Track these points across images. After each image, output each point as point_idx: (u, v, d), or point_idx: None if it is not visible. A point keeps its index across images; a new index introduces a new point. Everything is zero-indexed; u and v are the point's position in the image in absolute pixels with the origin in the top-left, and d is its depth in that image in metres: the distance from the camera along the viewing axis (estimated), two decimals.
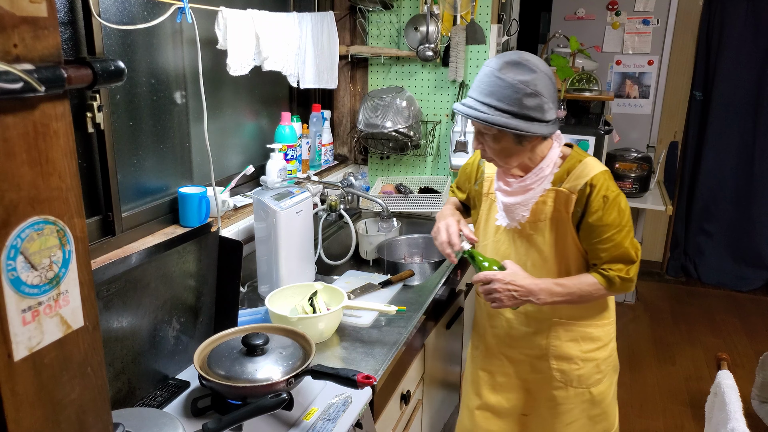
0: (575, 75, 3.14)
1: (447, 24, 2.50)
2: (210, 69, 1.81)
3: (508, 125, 1.38)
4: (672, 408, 3.02)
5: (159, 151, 1.72)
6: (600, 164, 1.54)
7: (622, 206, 1.50)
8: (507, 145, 1.45)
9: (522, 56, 1.41)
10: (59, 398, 0.65)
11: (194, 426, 1.21)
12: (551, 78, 1.43)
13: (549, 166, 1.51)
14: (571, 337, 1.65)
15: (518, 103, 1.37)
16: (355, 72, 2.71)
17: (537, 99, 1.38)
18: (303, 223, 1.88)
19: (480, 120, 1.40)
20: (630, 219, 1.53)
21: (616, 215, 1.48)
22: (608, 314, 1.68)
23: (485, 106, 1.40)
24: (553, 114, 1.43)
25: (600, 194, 1.47)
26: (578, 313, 1.63)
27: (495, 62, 1.41)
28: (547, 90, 1.39)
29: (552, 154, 1.52)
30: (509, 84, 1.37)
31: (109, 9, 1.47)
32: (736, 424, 1.52)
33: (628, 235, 1.51)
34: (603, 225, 1.48)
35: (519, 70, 1.38)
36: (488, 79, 1.40)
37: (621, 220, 1.49)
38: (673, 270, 4.57)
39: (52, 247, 0.62)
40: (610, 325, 1.70)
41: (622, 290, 1.55)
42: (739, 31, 4.04)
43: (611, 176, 1.53)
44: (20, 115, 0.56)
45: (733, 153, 4.24)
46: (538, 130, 1.40)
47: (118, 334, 1.28)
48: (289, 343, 1.41)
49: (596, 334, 1.65)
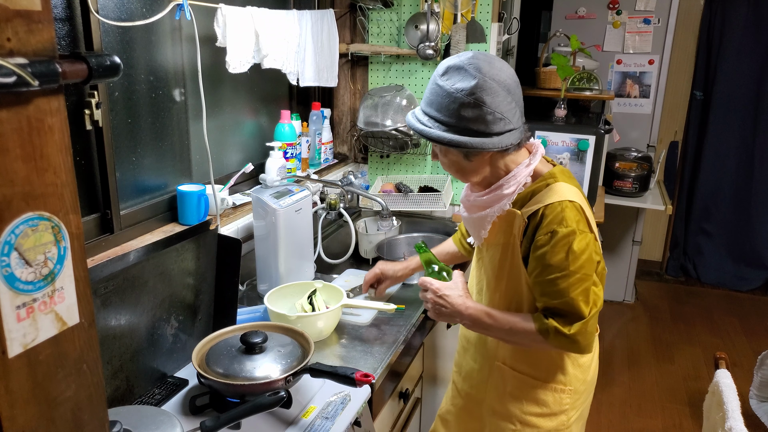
0: (576, 74, 3.14)
1: (447, 22, 2.50)
2: (209, 66, 1.81)
3: (442, 139, 1.23)
4: (670, 407, 3.02)
5: (158, 149, 1.72)
6: (571, 192, 1.28)
7: (576, 248, 1.22)
8: (455, 159, 1.30)
9: (469, 59, 1.22)
10: (54, 395, 0.64)
11: (192, 424, 1.20)
12: (502, 83, 1.22)
13: (512, 184, 1.31)
14: (514, 389, 1.43)
15: (455, 114, 1.21)
16: (355, 70, 2.70)
17: (477, 110, 1.20)
18: (302, 221, 1.87)
19: (419, 133, 1.28)
20: (587, 266, 1.24)
21: (563, 258, 1.23)
22: (565, 379, 1.41)
23: (426, 117, 1.27)
24: (507, 125, 1.23)
25: (548, 227, 1.24)
26: (524, 364, 1.42)
27: (442, 65, 1.26)
28: (492, 98, 1.20)
29: (519, 171, 1.31)
30: (447, 92, 1.22)
31: (108, 5, 1.47)
32: (734, 423, 1.52)
33: (578, 285, 1.24)
34: (545, 265, 1.25)
35: (459, 76, 1.21)
36: (431, 86, 1.27)
37: (569, 265, 1.23)
38: (673, 269, 4.57)
39: (47, 243, 0.62)
40: (566, 394, 1.41)
41: (560, 347, 1.29)
42: (740, 30, 4.04)
43: (577, 210, 1.26)
44: (14, 110, 0.56)
45: (733, 153, 4.24)
46: (480, 145, 1.22)
47: (116, 331, 1.28)
48: (288, 341, 1.40)
49: (543, 397, 1.41)
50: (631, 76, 3.86)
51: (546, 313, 1.29)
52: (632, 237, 4.00)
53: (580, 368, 1.41)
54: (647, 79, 3.83)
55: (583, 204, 1.29)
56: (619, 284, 4.09)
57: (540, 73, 3.24)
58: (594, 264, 1.27)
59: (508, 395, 1.43)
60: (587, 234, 1.25)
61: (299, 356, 1.36)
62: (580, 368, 1.41)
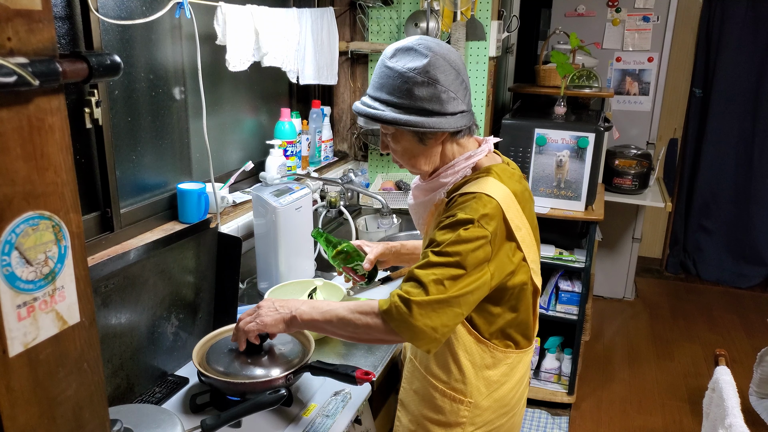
0: (575, 72, 3.13)
1: (447, 20, 2.49)
2: (209, 65, 1.81)
3: (397, 120, 1.16)
4: (670, 404, 3.03)
5: (158, 147, 1.72)
6: (496, 189, 1.18)
7: (464, 235, 1.11)
8: (408, 145, 1.22)
9: (417, 41, 1.18)
10: (55, 394, 0.64)
11: (193, 422, 1.20)
12: (453, 63, 1.17)
13: (449, 174, 1.24)
14: (419, 387, 1.33)
15: (408, 94, 1.15)
16: (355, 68, 2.70)
17: (431, 88, 1.14)
18: (302, 219, 1.87)
19: (368, 116, 1.19)
20: (467, 260, 1.10)
21: (447, 238, 1.12)
22: (464, 390, 1.27)
23: (376, 101, 1.19)
24: (459, 105, 1.18)
25: (452, 211, 1.17)
26: (430, 363, 1.30)
27: (389, 48, 1.20)
28: (445, 76, 1.15)
29: (458, 161, 1.24)
30: (398, 73, 1.15)
31: (108, 4, 1.47)
32: (733, 420, 1.52)
33: (443, 268, 1.10)
34: (431, 240, 1.16)
35: (410, 57, 1.16)
36: (379, 70, 1.19)
37: (447, 246, 1.11)
38: (673, 267, 4.57)
39: (48, 242, 0.62)
40: (464, 405, 1.28)
41: (398, 321, 1.10)
42: (739, 28, 4.03)
43: (491, 206, 1.14)
44: (14, 109, 0.56)
45: (733, 150, 4.24)
46: (436, 125, 1.16)
47: (116, 330, 1.28)
48: (288, 339, 1.40)
49: (440, 403, 1.29)
50: (630, 73, 3.85)
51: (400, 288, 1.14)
52: (632, 234, 4.00)
53: (485, 381, 1.28)
54: (647, 77, 3.83)
55: (505, 205, 1.17)
56: (619, 281, 4.09)
57: (540, 70, 3.24)
58: (475, 261, 1.12)
59: (413, 392, 1.35)
60: (485, 231, 1.12)
61: (299, 354, 1.36)
62: (484, 381, 1.28)
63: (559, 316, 2.80)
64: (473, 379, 1.27)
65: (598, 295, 4.10)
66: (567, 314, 2.79)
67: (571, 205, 2.64)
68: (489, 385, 1.28)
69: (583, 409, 2.96)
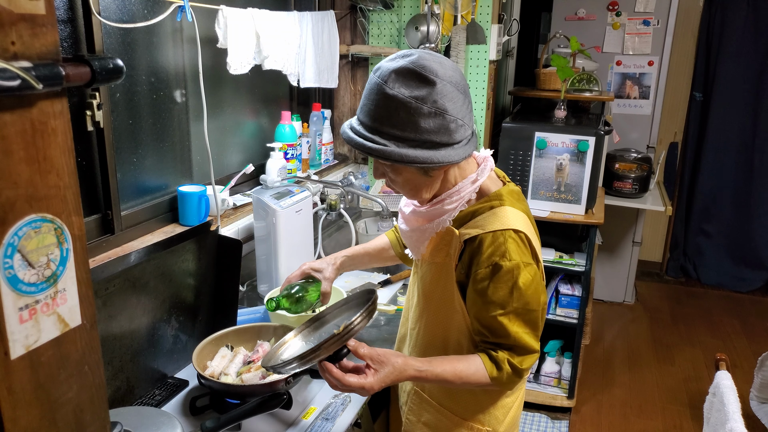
0: (575, 75, 3.14)
1: (447, 24, 2.50)
2: (210, 68, 1.81)
3: (404, 158, 1.04)
4: (671, 408, 3.02)
5: (159, 150, 1.72)
6: (517, 219, 1.13)
7: (521, 283, 1.10)
8: (410, 177, 1.12)
9: (417, 61, 1.05)
10: (56, 397, 0.65)
11: (193, 425, 1.21)
12: (458, 86, 1.07)
13: (455, 200, 1.16)
14: (429, 419, 1.30)
15: (414, 126, 1.03)
16: (355, 71, 2.70)
17: (438, 119, 1.04)
18: (303, 222, 1.87)
19: (371, 153, 1.06)
20: (533, 301, 1.12)
21: (506, 294, 1.10)
22: (483, 419, 1.27)
23: (376, 133, 1.06)
24: (466, 131, 1.09)
25: (490, 260, 1.10)
26: (444, 395, 1.28)
27: (383, 70, 1.06)
28: (453, 104, 1.05)
29: (464, 186, 1.16)
30: (401, 102, 1.03)
31: (109, 7, 1.47)
32: (734, 425, 1.52)
33: (524, 322, 1.13)
34: (487, 301, 1.12)
35: (412, 82, 1.03)
36: (375, 96, 1.06)
37: (513, 302, 1.10)
38: (673, 270, 4.57)
39: (50, 245, 0.62)
40: None
41: (509, 384, 1.16)
42: (739, 32, 4.04)
43: (522, 240, 1.12)
44: (18, 113, 0.56)
45: (733, 154, 4.24)
46: (445, 158, 1.06)
47: (116, 332, 1.28)
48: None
49: None
50: (630, 77, 3.86)
51: (488, 347, 1.16)
52: (632, 238, 4.00)
53: (503, 409, 1.28)
54: (647, 81, 3.83)
55: (529, 232, 1.15)
56: (619, 285, 4.09)
57: (540, 74, 3.24)
58: (539, 298, 1.14)
59: (422, 425, 1.31)
60: (532, 266, 1.12)
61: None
62: (502, 409, 1.28)
63: (559, 320, 2.80)
64: (492, 409, 1.27)
65: (598, 299, 4.10)
66: (567, 318, 2.79)
67: (571, 209, 2.64)
68: (505, 411, 1.29)
69: (583, 413, 2.96)
